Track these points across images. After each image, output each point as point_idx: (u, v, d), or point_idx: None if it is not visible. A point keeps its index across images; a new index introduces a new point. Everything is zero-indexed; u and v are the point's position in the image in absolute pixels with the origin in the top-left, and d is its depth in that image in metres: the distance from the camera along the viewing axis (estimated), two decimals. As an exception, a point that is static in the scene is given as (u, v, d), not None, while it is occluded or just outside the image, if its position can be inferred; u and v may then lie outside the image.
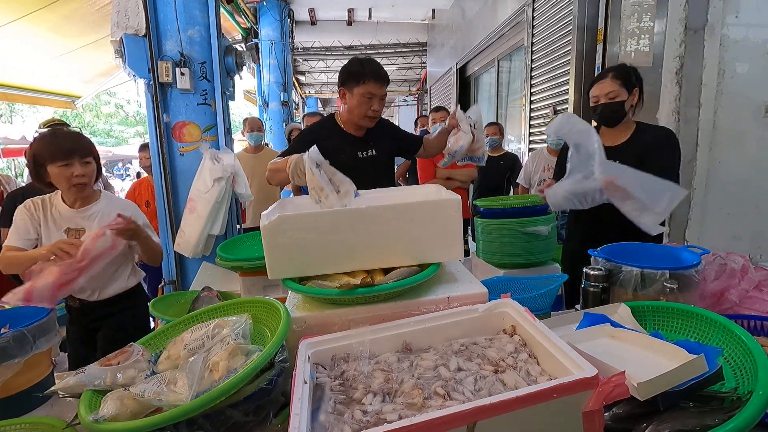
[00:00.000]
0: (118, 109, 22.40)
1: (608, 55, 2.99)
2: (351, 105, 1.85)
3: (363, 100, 1.81)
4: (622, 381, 0.66)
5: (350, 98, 1.84)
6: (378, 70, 1.83)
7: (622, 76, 1.83)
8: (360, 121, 1.87)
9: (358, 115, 1.85)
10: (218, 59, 2.87)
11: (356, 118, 1.86)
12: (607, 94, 1.83)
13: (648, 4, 2.58)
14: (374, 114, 1.85)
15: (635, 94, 1.85)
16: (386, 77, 1.85)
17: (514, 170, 4.08)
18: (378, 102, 1.84)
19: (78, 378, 0.90)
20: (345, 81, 1.85)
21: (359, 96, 1.81)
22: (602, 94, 1.85)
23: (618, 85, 1.82)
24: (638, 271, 1.26)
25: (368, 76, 1.79)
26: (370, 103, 1.82)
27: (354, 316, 1.02)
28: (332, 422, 0.72)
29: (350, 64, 1.86)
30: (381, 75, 1.83)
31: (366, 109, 1.83)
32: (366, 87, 1.79)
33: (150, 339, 1.12)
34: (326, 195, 1.17)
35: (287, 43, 7.36)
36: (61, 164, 1.53)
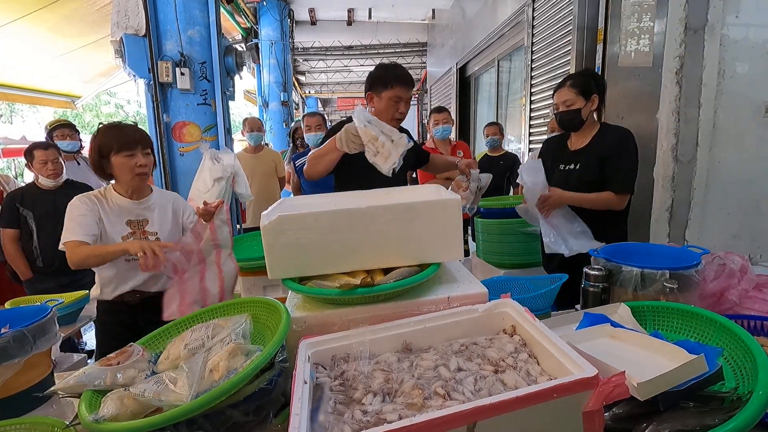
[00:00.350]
0: (118, 109, 22.40)
1: (608, 55, 2.99)
2: (379, 108, 1.92)
3: (391, 104, 1.90)
4: (622, 381, 0.66)
5: (378, 102, 1.92)
6: (405, 75, 1.92)
7: (580, 84, 1.93)
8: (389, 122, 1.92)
9: (386, 118, 1.90)
10: (218, 59, 2.87)
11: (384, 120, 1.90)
12: (564, 102, 1.94)
13: (648, 4, 2.58)
14: (401, 116, 1.94)
15: (594, 100, 1.93)
16: (412, 81, 1.94)
17: (514, 170, 4.08)
18: (404, 105, 1.93)
19: (78, 378, 0.90)
20: (373, 85, 1.93)
21: (387, 100, 1.89)
22: (560, 102, 1.95)
23: (574, 94, 1.92)
24: (638, 271, 1.26)
25: (396, 81, 1.88)
26: (397, 106, 1.91)
27: (354, 316, 1.02)
28: (332, 422, 0.72)
29: (378, 69, 1.95)
30: (408, 79, 1.93)
31: (394, 111, 1.91)
32: (394, 91, 1.88)
33: (150, 339, 1.12)
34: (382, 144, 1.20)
35: (287, 43, 7.37)
36: (126, 154, 1.57)
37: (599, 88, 1.96)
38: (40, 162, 2.65)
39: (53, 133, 3.22)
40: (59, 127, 3.25)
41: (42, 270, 2.74)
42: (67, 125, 3.30)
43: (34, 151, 2.67)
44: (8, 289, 3.00)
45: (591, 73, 2.00)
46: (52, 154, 2.66)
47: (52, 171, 2.65)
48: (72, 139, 3.25)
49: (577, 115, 1.94)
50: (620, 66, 2.82)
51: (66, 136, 3.23)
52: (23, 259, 2.72)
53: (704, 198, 2.53)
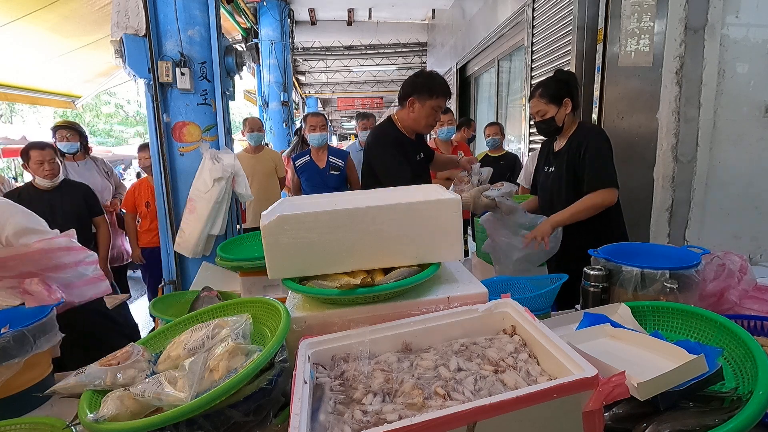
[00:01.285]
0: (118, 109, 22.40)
1: (608, 55, 2.99)
2: (419, 115, 2.00)
3: (432, 112, 2.00)
4: (622, 381, 0.66)
5: (420, 108, 2.00)
6: (447, 86, 2.04)
7: (549, 93, 1.92)
8: (424, 129, 2.09)
9: (426, 124, 2.04)
10: (218, 59, 2.87)
11: (422, 126, 2.05)
12: (538, 113, 1.95)
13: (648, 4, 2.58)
14: (435, 123, 2.09)
15: (567, 104, 1.92)
16: (450, 93, 2.08)
17: (515, 170, 4.08)
18: (440, 114, 2.09)
19: (78, 378, 0.90)
20: (417, 91, 1.99)
21: (430, 108, 1.98)
22: (534, 113, 1.97)
23: (545, 103, 1.92)
24: (638, 271, 1.26)
25: (441, 91, 1.98)
26: (436, 115, 2.02)
27: (354, 316, 1.02)
28: (332, 422, 0.72)
29: (423, 77, 2.02)
30: (449, 90, 2.05)
31: (433, 120, 2.02)
32: (438, 101, 1.98)
33: (150, 339, 1.12)
34: None
35: (287, 43, 7.36)
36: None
37: (570, 90, 1.93)
38: (36, 162, 2.65)
39: (55, 134, 3.26)
40: (60, 128, 3.28)
41: (42, 270, 2.74)
42: (68, 126, 3.30)
43: (30, 152, 2.68)
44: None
45: (559, 77, 1.96)
46: (48, 154, 2.66)
47: (49, 171, 2.65)
48: (71, 140, 3.25)
49: (552, 123, 1.95)
50: (620, 66, 2.82)
51: (65, 137, 3.23)
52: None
53: (704, 198, 2.53)
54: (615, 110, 3.00)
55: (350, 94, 14.46)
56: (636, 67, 2.72)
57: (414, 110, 2.01)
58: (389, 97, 14.79)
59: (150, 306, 1.70)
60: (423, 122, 2.03)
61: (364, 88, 14.37)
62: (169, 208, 2.87)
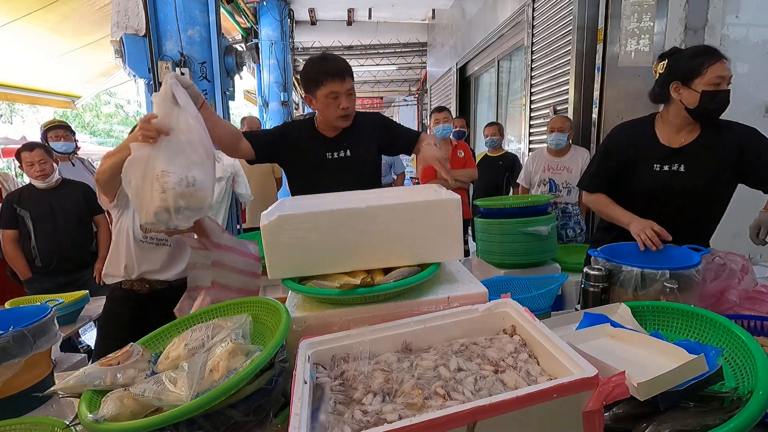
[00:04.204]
0: (118, 109, 22.40)
1: (608, 55, 2.99)
2: (320, 108, 1.75)
3: (328, 101, 1.70)
4: (622, 381, 0.66)
5: (317, 103, 1.74)
6: (336, 66, 1.68)
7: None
8: (335, 122, 1.76)
9: (330, 117, 1.74)
10: (218, 59, 2.87)
11: (330, 120, 1.76)
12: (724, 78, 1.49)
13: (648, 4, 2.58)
14: (345, 112, 1.72)
15: None
16: (346, 70, 1.69)
17: (514, 170, 4.09)
18: (345, 98, 1.69)
19: (78, 378, 0.90)
20: (306, 86, 1.75)
21: (323, 98, 1.70)
22: (721, 78, 1.48)
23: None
24: (638, 271, 1.26)
25: (327, 75, 1.66)
26: (337, 102, 1.69)
27: (354, 316, 1.02)
28: (332, 422, 0.72)
29: (306, 66, 1.75)
30: (340, 70, 1.67)
31: (334, 110, 1.71)
32: (327, 87, 1.67)
33: (150, 339, 1.12)
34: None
35: (287, 43, 7.37)
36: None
37: None
38: (27, 164, 2.65)
39: (48, 134, 3.19)
40: (53, 128, 3.21)
41: (40, 270, 2.74)
42: (62, 126, 3.26)
43: (21, 154, 2.68)
44: (8, 289, 3.01)
45: None
46: (37, 155, 2.65)
47: (40, 172, 2.65)
48: (66, 140, 3.22)
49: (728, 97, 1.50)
50: (620, 66, 2.82)
51: (60, 137, 3.19)
52: (22, 259, 2.73)
53: (704, 198, 2.52)
54: (615, 110, 3.00)
55: (350, 94, 14.45)
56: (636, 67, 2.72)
57: (315, 106, 1.77)
58: (389, 97, 14.80)
59: (150, 306, 1.70)
60: (326, 115, 1.75)
61: (364, 88, 14.38)
62: (169, 208, 2.87)
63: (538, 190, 3.34)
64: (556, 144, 3.20)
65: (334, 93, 1.67)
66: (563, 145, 3.20)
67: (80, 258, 2.85)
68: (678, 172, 1.60)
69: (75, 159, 3.42)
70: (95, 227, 2.96)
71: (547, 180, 3.27)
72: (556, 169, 3.24)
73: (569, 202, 3.21)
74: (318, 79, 1.68)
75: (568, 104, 3.54)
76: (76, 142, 3.38)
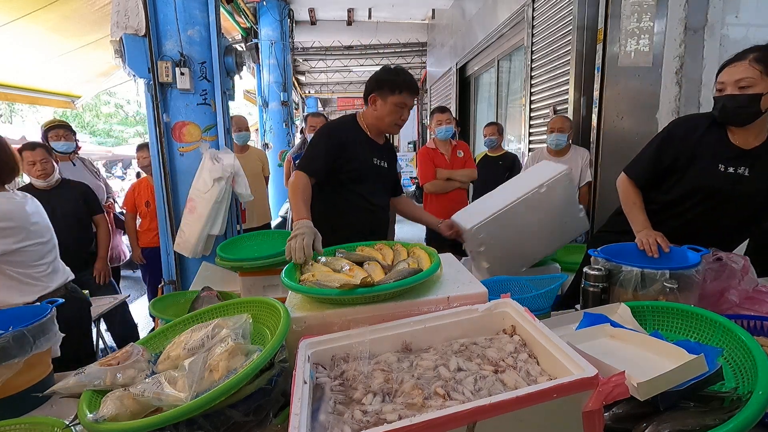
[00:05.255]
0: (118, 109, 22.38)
1: (608, 55, 2.99)
2: (382, 112, 1.88)
3: (395, 109, 1.85)
4: (622, 381, 0.66)
5: (382, 105, 1.86)
6: (413, 82, 1.87)
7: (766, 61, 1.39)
8: (388, 128, 1.92)
9: (389, 122, 1.89)
10: (218, 59, 2.87)
11: (385, 125, 1.90)
12: (738, 82, 1.42)
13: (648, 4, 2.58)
14: (402, 123, 1.90)
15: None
16: (418, 89, 1.91)
17: (514, 170, 4.08)
18: (407, 112, 1.89)
19: (78, 378, 0.90)
20: (379, 88, 1.86)
21: (392, 105, 1.84)
22: (731, 82, 1.44)
23: (759, 72, 1.39)
24: (638, 271, 1.26)
25: (405, 87, 1.83)
26: (401, 113, 1.87)
27: (354, 316, 1.02)
28: (332, 422, 0.72)
29: (386, 72, 1.89)
30: (415, 87, 1.88)
31: (397, 117, 1.87)
32: (401, 97, 1.83)
33: (150, 339, 1.12)
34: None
35: (287, 43, 7.36)
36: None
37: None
38: (28, 163, 2.65)
39: (48, 134, 3.18)
40: (54, 128, 3.20)
41: (42, 270, 2.74)
42: (63, 126, 3.26)
43: (23, 153, 2.67)
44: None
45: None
46: (39, 155, 2.65)
47: (41, 171, 2.65)
48: (67, 139, 3.21)
49: (755, 103, 1.40)
50: (620, 66, 2.82)
51: (61, 137, 3.18)
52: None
53: (704, 198, 2.52)
54: (615, 110, 3.00)
55: (350, 94, 14.45)
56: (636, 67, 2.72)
57: (376, 107, 1.89)
58: (389, 97, 14.77)
59: (150, 306, 1.70)
60: (386, 120, 1.88)
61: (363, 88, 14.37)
62: (169, 208, 2.87)
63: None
64: (555, 144, 3.20)
65: (404, 104, 1.85)
66: (563, 145, 3.20)
67: (80, 258, 2.84)
68: (743, 176, 1.51)
69: (75, 159, 3.42)
70: (95, 227, 2.96)
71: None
72: (556, 169, 3.24)
73: (569, 202, 3.21)
74: (396, 87, 1.83)
75: (568, 104, 3.54)
76: (76, 141, 3.37)
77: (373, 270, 1.18)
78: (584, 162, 3.17)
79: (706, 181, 1.55)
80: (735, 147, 1.53)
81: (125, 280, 6.26)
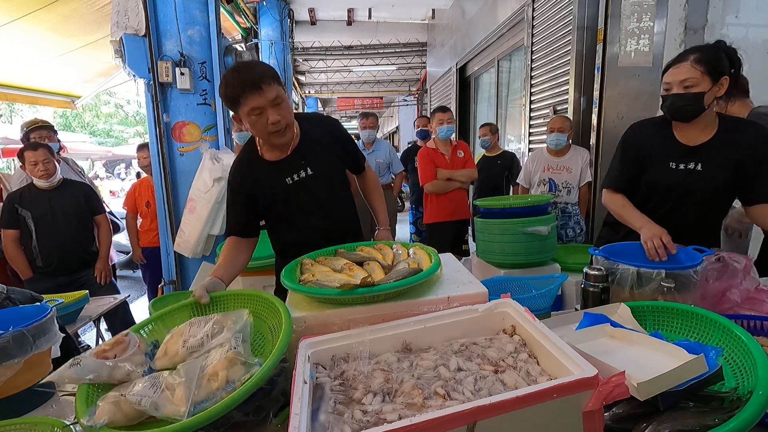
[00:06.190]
0: (118, 109, 22.39)
1: (608, 55, 2.99)
2: (249, 129, 1.49)
3: (253, 119, 1.42)
4: (622, 381, 0.66)
5: (245, 123, 1.46)
6: (249, 75, 1.38)
7: (707, 61, 1.49)
8: (270, 138, 1.48)
9: (264, 133, 1.46)
10: (218, 59, 2.87)
11: (265, 137, 1.49)
12: (683, 82, 1.51)
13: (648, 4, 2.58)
14: (275, 127, 1.43)
15: (722, 84, 1.51)
16: (263, 78, 1.38)
17: (512, 168, 4.10)
18: (272, 111, 1.40)
19: (74, 370, 0.87)
20: (229, 107, 1.48)
21: (246, 117, 1.42)
22: (676, 82, 1.52)
23: (700, 72, 1.49)
24: (635, 270, 1.26)
25: (244, 90, 1.37)
26: (263, 117, 1.41)
27: (354, 316, 1.02)
28: (332, 422, 0.72)
29: (221, 85, 1.44)
30: (256, 80, 1.37)
31: (263, 126, 1.43)
32: (248, 104, 1.38)
33: (146, 324, 1.11)
34: None
35: (287, 43, 7.36)
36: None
37: (732, 68, 1.51)
38: (30, 163, 2.65)
39: (30, 135, 3.08)
40: (36, 129, 3.12)
41: (41, 269, 2.75)
42: (45, 126, 3.18)
43: (25, 153, 2.67)
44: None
45: (724, 48, 1.53)
46: (42, 155, 2.65)
47: (44, 171, 2.65)
48: (50, 140, 3.10)
49: (698, 101, 1.49)
50: (620, 66, 2.82)
51: (44, 138, 3.08)
52: (23, 258, 2.73)
53: (704, 198, 2.52)
54: (615, 110, 3.00)
55: (350, 94, 14.46)
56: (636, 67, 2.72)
57: (247, 127, 1.48)
58: (389, 97, 14.80)
59: (150, 306, 1.70)
60: (258, 133, 1.48)
61: (364, 88, 14.37)
62: (169, 208, 2.87)
63: (537, 190, 3.34)
64: (555, 144, 3.20)
65: (257, 109, 1.39)
66: (563, 145, 3.20)
67: (81, 258, 2.85)
68: (695, 171, 1.58)
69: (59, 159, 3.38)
70: (96, 227, 2.96)
71: (547, 180, 3.28)
72: (556, 169, 3.25)
73: (569, 202, 3.21)
74: (235, 97, 1.39)
75: (568, 104, 3.54)
76: (59, 142, 3.28)
77: (373, 270, 1.18)
78: (584, 162, 3.17)
79: (660, 179, 1.63)
80: (682, 144, 1.61)
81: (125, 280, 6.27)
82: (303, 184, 1.58)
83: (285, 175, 1.57)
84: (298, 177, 1.57)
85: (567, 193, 3.21)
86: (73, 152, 9.54)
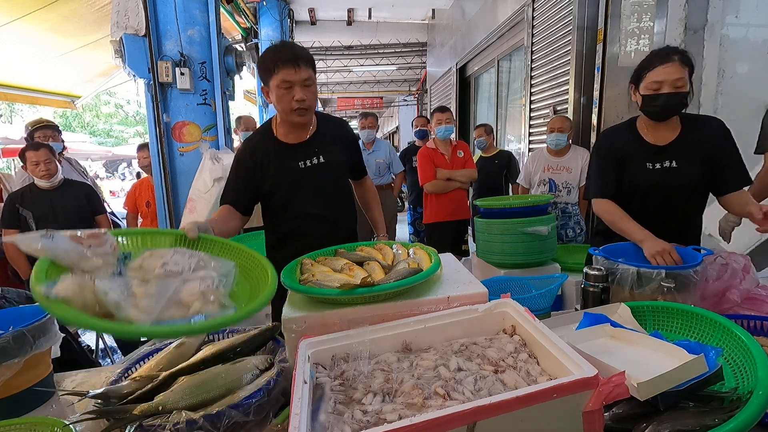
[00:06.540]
0: (118, 109, 22.40)
1: (608, 55, 3.00)
2: (274, 102, 1.55)
3: (281, 92, 1.49)
4: (622, 381, 0.66)
5: (272, 95, 1.54)
6: (290, 54, 1.47)
7: (689, 63, 1.53)
8: (289, 117, 1.54)
9: (283, 111, 1.54)
10: (218, 59, 2.87)
11: (287, 114, 1.55)
12: (674, 82, 1.51)
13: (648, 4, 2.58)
14: (300, 105, 1.50)
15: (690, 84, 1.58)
16: (301, 57, 1.48)
17: (510, 167, 4.10)
18: (301, 90, 1.48)
19: (44, 241, 0.81)
20: (262, 77, 1.55)
21: (276, 89, 1.50)
22: (668, 81, 1.52)
23: (687, 73, 1.52)
24: (635, 270, 1.27)
25: (280, 62, 1.46)
26: (290, 93, 1.49)
27: (354, 316, 1.02)
28: (332, 422, 0.72)
29: (261, 55, 1.55)
30: (295, 56, 1.46)
31: (288, 101, 1.49)
32: (280, 75, 1.47)
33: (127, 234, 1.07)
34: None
35: (287, 43, 7.36)
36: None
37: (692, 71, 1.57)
38: (32, 163, 2.65)
39: (35, 134, 3.10)
40: (41, 128, 3.13)
41: (42, 270, 2.74)
42: (49, 126, 3.19)
43: (26, 153, 2.67)
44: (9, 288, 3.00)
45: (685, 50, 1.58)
46: (43, 155, 2.65)
47: (45, 171, 2.65)
48: (54, 140, 3.12)
49: (684, 101, 1.54)
50: (620, 66, 2.82)
51: (48, 137, 3.10)
52: (24, 258, 2.73)
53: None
54: (615, 110, 3.00)
55: (350, 94, 14.46)
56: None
57: (270, 99, 1.57)
58: (389, 97, 14.80)
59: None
60: (279, 108, 1.54)
61: (364, 88, 14.38)
62: (169, 208, 2.87)
63: (537, 190, 3.35)
64: (555, 144, 3.20)
65: (288, 82, 1.47)
66: (563, 145, 3.20)
67: (81, 258, 2.84)
68: (671, 168, 1.62)
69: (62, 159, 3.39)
70: (97, 227, 2.96)
71: (547, 180, 3.28)
72: (556, 169, 3.25)
73: (569, 202, 3.21)
74: (272, 67, 1.48)
75: (568, 104, 3.54)
76: (63, 142, 3.29)
77: (373, 270, 1.18)
78: (584, 162, 3.17)
79: (641, 181, 1.66)
80: (652, 145, 1.66)
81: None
82: (313, 171, 1.63)
83: (298, 159, 1.63)
84: (311, 163, 1.63)
85: (567, 193, 3.21)
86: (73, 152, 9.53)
